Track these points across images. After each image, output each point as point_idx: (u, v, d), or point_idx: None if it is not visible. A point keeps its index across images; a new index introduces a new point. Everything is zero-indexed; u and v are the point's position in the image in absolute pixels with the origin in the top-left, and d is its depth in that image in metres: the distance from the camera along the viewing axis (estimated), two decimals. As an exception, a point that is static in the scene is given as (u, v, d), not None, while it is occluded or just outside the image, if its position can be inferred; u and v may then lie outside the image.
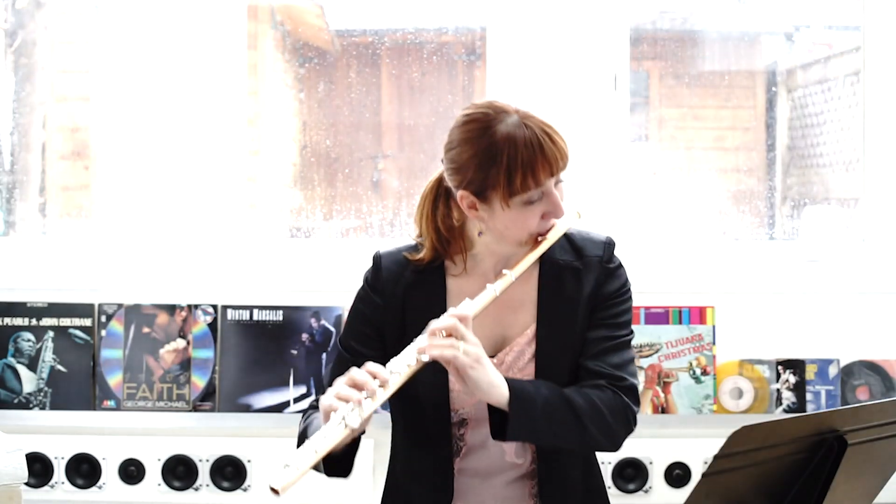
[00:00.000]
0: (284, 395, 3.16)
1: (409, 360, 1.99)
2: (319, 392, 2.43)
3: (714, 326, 3.15)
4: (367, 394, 1.93)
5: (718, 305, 3.17)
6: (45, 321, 3.18)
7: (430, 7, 3.54)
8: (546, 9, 3.25)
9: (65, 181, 3.56)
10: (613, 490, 3.14)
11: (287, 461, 1.82)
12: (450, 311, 2.03)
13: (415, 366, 1.99)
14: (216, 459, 3.15)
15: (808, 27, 3.60)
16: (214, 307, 3.18)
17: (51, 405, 3.16)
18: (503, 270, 2.10)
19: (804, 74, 3.63)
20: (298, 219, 3.50)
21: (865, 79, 3.34)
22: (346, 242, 3.41)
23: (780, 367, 3.17)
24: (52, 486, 3.15)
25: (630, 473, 3.16)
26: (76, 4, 3.45)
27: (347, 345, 2.20)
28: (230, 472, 3.16)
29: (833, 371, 3.17)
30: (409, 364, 1.98)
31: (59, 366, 3.17)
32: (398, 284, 2.19)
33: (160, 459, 3.15)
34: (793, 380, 3.17)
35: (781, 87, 3.61)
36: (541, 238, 2.12)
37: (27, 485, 3.00)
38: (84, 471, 3.15)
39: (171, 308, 3.18)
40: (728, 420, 3.13)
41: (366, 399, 1.92)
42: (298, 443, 2.12)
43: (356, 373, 1.96)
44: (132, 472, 3.16)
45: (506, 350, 2.16)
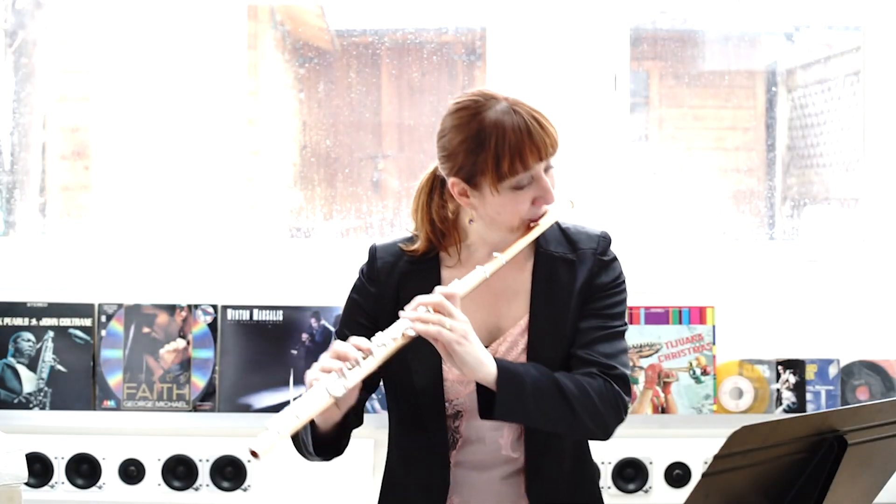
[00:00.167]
0: (284, 396, 3.16)
1: (395, 334, 1.99)
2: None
3: (714, 326, 3.15)
4: (351, 364, 1.93)
5: (718, 305, 3.17)
6: (45, 321, 3.18)
7: (430, 7, 3.54)
8: (546, 9, 3.25)
9: (65, 181, 3.55)
10: (613, 490, 3.14)
11: (268, 424, 1.82)
12: (438, 289, 2.03)
13: (401, 340, 1.99)
14: (216, 459, 3.15)
15: (808, 27, 3.59)
16: (214, 307, 3.18)
17: (51, 405, 3.16)
18: (493, 254, 2.10)
19: (804, 74, 3.63)
20: (298, 219, 3.50)
21: (865, 79, 3.34)
22: (346, 242, 3.41)
23: (780, 367, 3.17)
24: (52, 487, 3.15)
25: (630, 473, 3.16)
26: (76, 4, 3.45)
27: (343, 334, 2.20)
28: (230, 472, 3.16)
29: (833, 371, 3.17)
30: (395, 338, 1.98)
31: (59, 366, 3.17)
32: (392, 274, 2.20)
33: (160, 459, 3.15)
34: (793, 380, 3.16)
35: (781, 87, 3.61)
36: (533, 224, 2.12)
37: (27, 485, 3.00)
38: (84, 471, 3.15)
39: (171, 308, 3.18)
40: (728, 420, 3.13)
41: (350, 370, 1.93)
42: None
43: (339, 345, 1.97)
44: (132, 473, 3.16)
45: (499, 340, 2.16)
